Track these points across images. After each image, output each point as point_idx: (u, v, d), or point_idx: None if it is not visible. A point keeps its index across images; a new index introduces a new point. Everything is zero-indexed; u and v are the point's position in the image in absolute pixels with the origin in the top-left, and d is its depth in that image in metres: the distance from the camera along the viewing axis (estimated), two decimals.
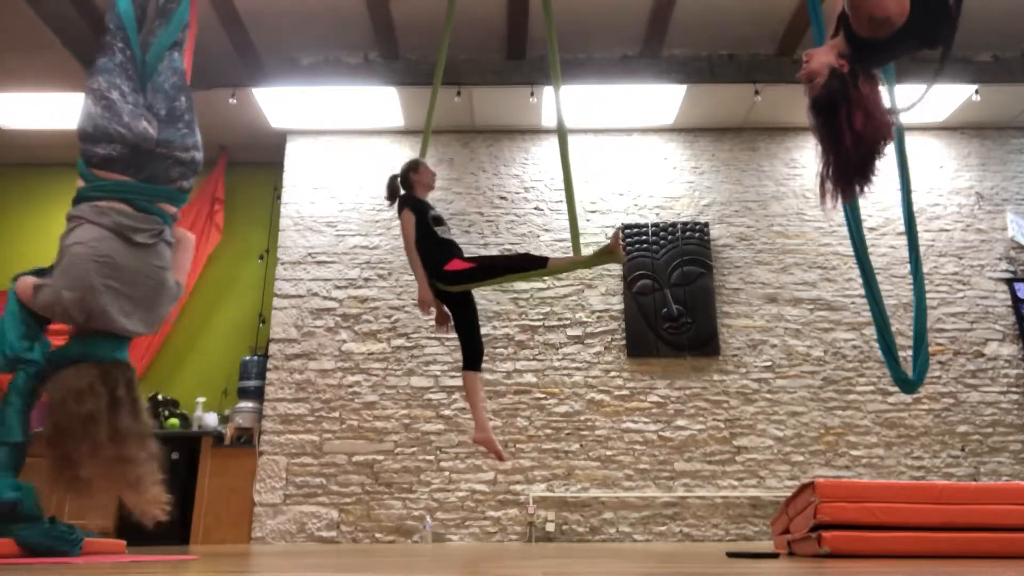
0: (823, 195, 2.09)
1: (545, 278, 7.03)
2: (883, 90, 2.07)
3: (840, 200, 2.09)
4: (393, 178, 4.26)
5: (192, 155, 3.16)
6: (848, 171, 2.03)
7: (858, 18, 1.93)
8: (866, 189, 2.09)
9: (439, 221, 4.09)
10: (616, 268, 7.06)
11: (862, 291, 5.51)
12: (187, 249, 3.35)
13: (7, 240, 7.48)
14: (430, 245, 3.96)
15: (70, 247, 2.86)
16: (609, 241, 3.57)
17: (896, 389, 5.62)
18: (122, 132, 2.98)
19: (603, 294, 7.02)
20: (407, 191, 4.18)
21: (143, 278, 2.98)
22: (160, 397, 6.74)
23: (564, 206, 7.31)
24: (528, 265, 3.83)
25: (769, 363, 6.82)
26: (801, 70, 2.10)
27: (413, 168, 4.19)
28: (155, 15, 3.19)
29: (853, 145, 1.97)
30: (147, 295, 3.00)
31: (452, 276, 3.87)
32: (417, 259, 3.93)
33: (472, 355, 3.98)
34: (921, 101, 2.36)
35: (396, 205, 4.19)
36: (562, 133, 4.00)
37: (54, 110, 6.98)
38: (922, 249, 5.59)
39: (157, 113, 3.08)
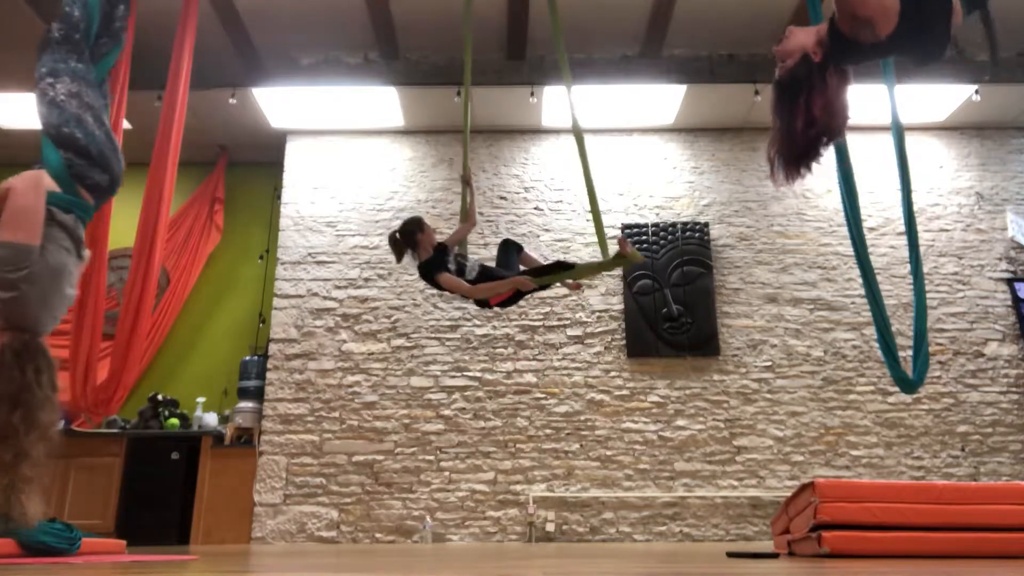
0: (772, 172, 2.11)
1: None
2: (850, 88, 2.07)
3: (783, 179, 2.11)
4: (394, 237, 4.16)
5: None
6: (794, 151, 2.05)
7: (842, 14, 1.94)
8: (805, 173, 2.10)
9: (461, 264, 4.09)
10: (616, 268, 7.05)
11: (862, 291, 5.52)
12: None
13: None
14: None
15: (43, 267, 2.59)
16: (618, 247, 3.67)
17: (896, 389, 5.63)
18: (116, 173, 2.87)
19: (603, 294, 7.02)
20: (413, 249, 4.10)
21: (68, 298, 2.81)
22: (160, 397, 6.74)
23: (564, 206, 7.34)
24: (555, 268, 4.03)
25: (769, 363, 6.82)
26: (778, 45, 2.10)
27: (419, 228, 4.11)
28: (103, 31, 2.98)
29: (803, 126, 1.99)
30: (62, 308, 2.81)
31: (498, 305, 4.06)
32: (486, 285, 3.93)
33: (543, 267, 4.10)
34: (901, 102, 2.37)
35: (422, 275, 4.13)
36: (578, 133, 4.01)
37: None
38: (922, 249, 5.59)
39: None
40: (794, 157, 2.04)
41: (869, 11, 1.87)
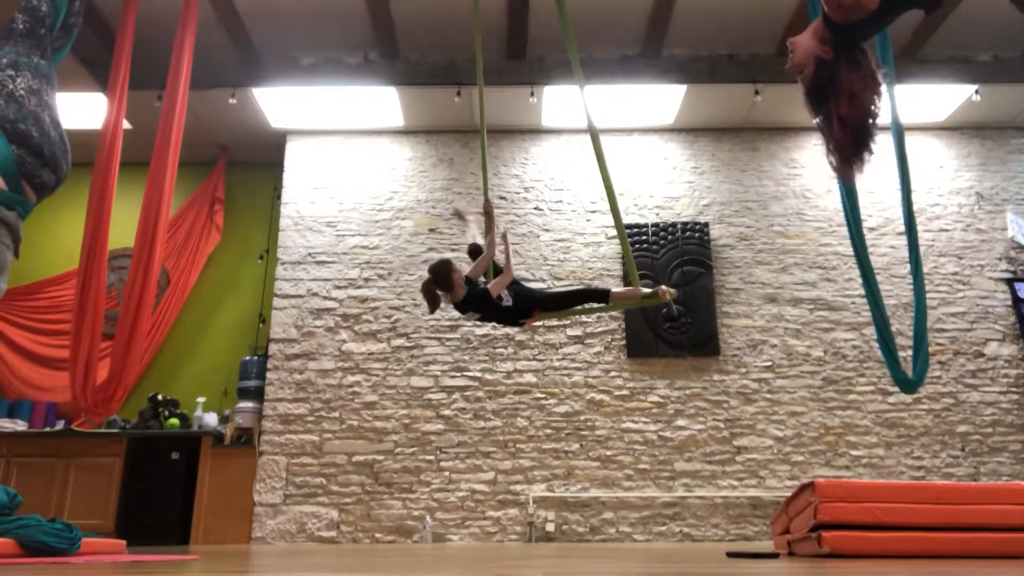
0: (838, 173, 2.13)
1: (544, 278, 7.04)
2: (871, 60, 2.07)
3: (848, 178, 2.13)
4: (429, 287, 4.07)
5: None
6: (846, 153, 2.06)
7: (828, 5, 1.94)
8: (868, 161, 2.11)
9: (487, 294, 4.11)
10: (616, 268, 7.08)
11: (862, 291, 5.52)
12: None
13: None
14: (503, 315, 4.09)
15: None
16: (658, 292, 4.06)
17: (896, 389, 5.63)
18: (63, 174, 2.84)
19: None
20: (448, 291, 4.04)
21: None
22: (160, 397, 6.74)
23: (563, 206, 7.34)
24: (589, 297, 4.23)
25: (769, 363, 6.82)
26: (788, 61, 2.11)
27: (450, 269, 4.05)
28: (60, 26, 2.98)
29: (840, 129, 2.00)
30: None
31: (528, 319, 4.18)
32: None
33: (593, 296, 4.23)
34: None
35: (468, 308, 4.12)
36: (594, 133, 4.04)
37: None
38: (922, 249, 5.60)
39: None
40: (847, 156, 2.05)
41: None
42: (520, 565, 2.82)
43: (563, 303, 4.28)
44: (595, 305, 4.38)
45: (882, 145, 4.69)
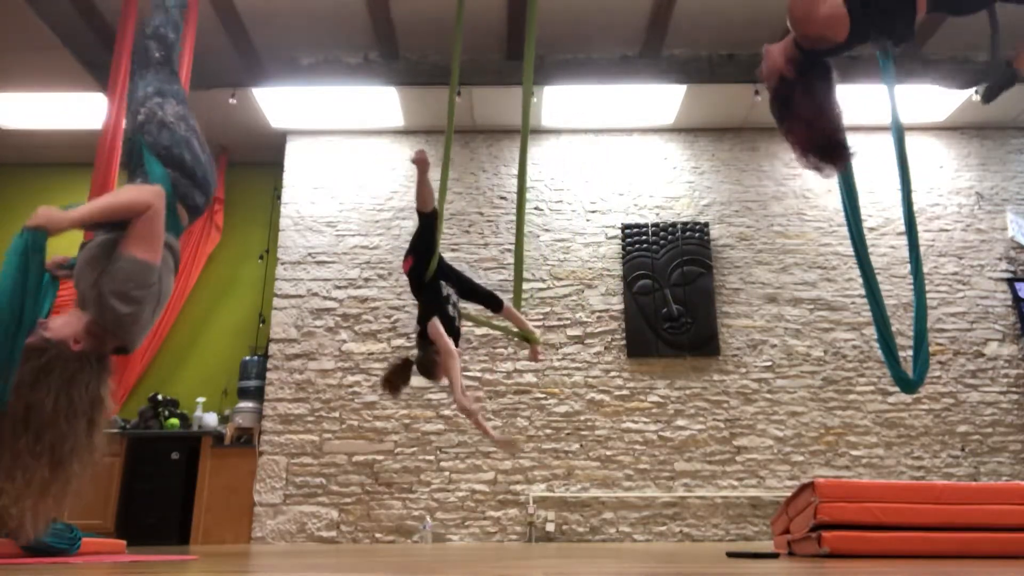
0: (810, 167, 2.19)
1: (544, 278, 7.04)
2: (835, 83, 2.12)
3: (819, 171, 2.19)
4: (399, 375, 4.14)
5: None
6: (813, 160, 2.13)
7: (796, 34, 1.99)
8: (840, 164, 2.18)
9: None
10: (616, 268, 7.07)
11: (862, 291, 5.52)
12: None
13: (6, 239, 7.47)
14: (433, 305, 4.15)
15: (159, 288, 2.46)
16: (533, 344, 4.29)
17: (896, 389, 5.62)
18: (211, 195, 2.84)
19: (603, 294, 7.02)
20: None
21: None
22: (160, 397, 6.74)
23: (564, 206, 7.34)
24: (486, 298, 4.35)
25: (769, 363, 6.82)
26: (759, 68, 2.20)
27: (433, 359, 4.09)
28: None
29: (807, 140, 2.08)
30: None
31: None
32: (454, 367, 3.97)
33: (488, 300, 4.26)
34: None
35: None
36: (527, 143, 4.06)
37: (54, 110, 6.99)
38: (922, 249, 5.58)
39: None
40: (815, 164, 2.12)
41: (817, 29, 1.93)
42: (520, 565, 2.82)
43: (464, 288, 4.36)
44: (496, 321, 4.34)
45: (882, 145, 4.68)
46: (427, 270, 3.96)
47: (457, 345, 3.97)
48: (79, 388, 2.22)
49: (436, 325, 3.83)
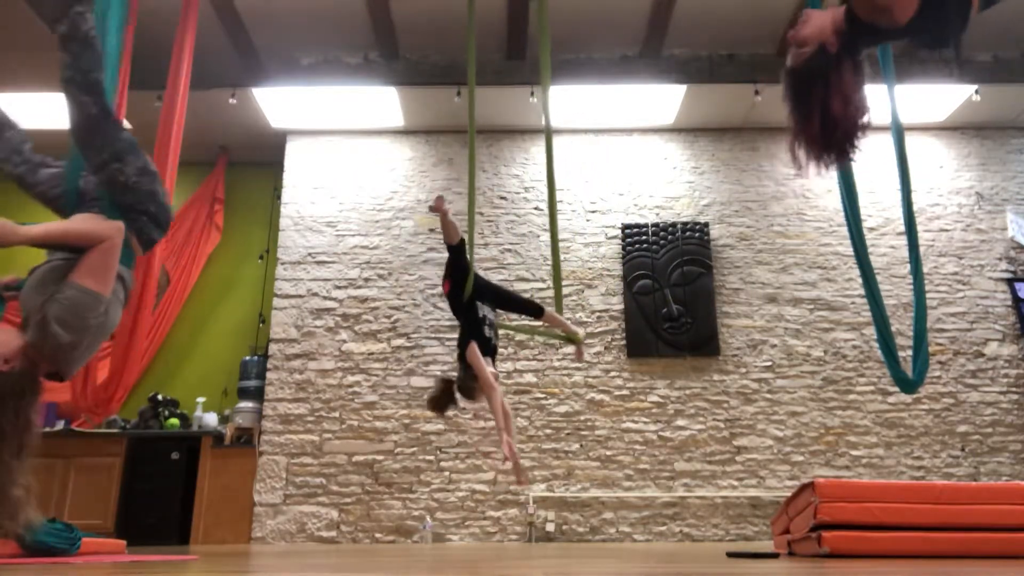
0: (798, 164, 2.01)
1: (544, 278, 7.04)
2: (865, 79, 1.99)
3: (814, 170, 2.03)
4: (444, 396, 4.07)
5: None
6: (817, 150, 1.96)
7: (860, 1, 1.86)
8: (836, 161, 2.02)
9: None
10: (616, 268, 7.07)
11: (862, 291, 5.51)
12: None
13: None
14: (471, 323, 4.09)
15: (106, 320, 2.50)
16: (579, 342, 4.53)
17: (896, 389, 5.62)
18: (167, 228, 2.83)
19: (603, 294, 7.02)
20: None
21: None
22: (160, 397, 6.74)
23: (564, 206, 7.33)
24: (526, 307, 4.50)
25: (769, 363, 6.82)
26: (794, 30, 2.01)
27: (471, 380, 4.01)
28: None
29: (823, 128, 1.90)
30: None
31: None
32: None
33: (528, 308, 4.40)
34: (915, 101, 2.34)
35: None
36: (551, 133, 4.06)
37: (54, 110, 6.98)
38: (922, 249, 5.59)
39: None
40: (817, 153, 1.95)
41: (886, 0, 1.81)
42: (520, 565, 2.82)
43: (503, 300, 4.45)
44: (531, 323, 4.44)
45: (882, 145, 4.69)
46: (464, 291, 3.95)
47: (494, 361, 4.01)
48: (7, 410, 2.19)
49: (474, 351, 3.86)
